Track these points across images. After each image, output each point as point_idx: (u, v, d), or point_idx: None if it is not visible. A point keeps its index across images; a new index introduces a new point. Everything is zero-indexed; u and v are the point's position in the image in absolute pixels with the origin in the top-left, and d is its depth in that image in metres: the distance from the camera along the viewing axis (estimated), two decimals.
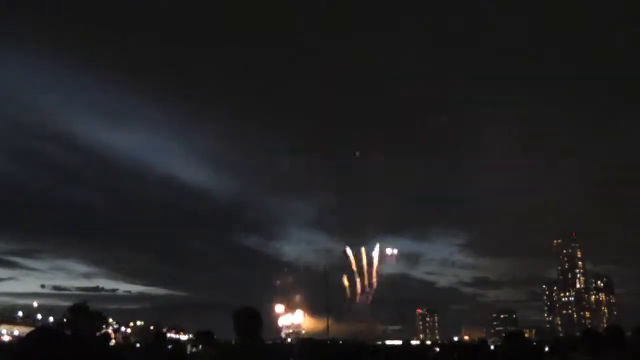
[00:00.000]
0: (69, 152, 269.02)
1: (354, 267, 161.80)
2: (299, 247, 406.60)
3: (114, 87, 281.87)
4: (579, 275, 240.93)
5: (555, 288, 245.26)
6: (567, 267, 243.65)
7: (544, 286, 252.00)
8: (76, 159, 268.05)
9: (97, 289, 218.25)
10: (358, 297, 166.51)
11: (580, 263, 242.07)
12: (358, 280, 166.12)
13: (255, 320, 4.22)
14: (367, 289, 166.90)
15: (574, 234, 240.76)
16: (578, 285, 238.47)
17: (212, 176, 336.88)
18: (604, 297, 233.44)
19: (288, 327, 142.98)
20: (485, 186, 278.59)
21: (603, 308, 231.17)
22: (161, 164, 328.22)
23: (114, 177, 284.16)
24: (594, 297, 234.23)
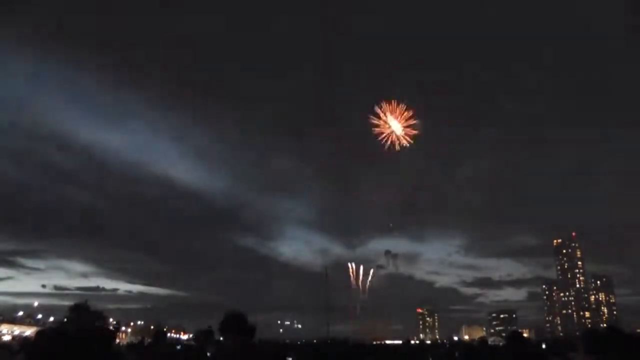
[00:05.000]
0: (67, 152, 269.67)
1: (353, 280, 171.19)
2: (295, 246, 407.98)
3: (111, 89, 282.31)
4: (578, 275, 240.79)
5: (555, 288, 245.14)
6: (566, 267, 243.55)
7: (544, 286, 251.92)
8: (75, 159, 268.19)
9: (97, 288, 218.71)
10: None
11: (579, 263, 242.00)
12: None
13: (243, 324, 4.15)
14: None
15: (573, 234, 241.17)
16: (577, 285, 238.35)
17: (209, 176, 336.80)
18: (603, 296, 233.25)
19: None
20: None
21: (602, 307, 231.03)
22: (158, 164, 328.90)
23: (112, 178, 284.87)
24: (593, 296, 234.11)
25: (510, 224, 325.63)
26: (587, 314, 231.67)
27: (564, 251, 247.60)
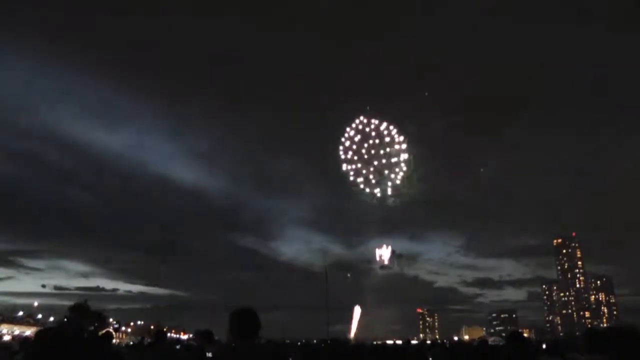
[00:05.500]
0: (66, 152, 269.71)
1: None
2: (295, 246, 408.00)
3: (110, 89, 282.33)
4: (578, 275, 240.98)
5: (555, 288, 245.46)
6: (566, 267, 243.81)
7: (544, 286, 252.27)
8: (74, 159, 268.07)
9: (97, 288, 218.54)
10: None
11: (580, 263, 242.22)
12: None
13: (252, 322, 4.02)
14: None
15: (573, 234, 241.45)
16: (578, 285, 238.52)
17: (208, 176, 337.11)
18: (603, 296, 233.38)
19: None
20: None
21: (603, 307, 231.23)
22: (157, 163, 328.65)
23: (112, 177, 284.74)
24: (593, 296, 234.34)
25: (510, 224, 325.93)
26: (587, 314, 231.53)
27: (564, 251, 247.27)
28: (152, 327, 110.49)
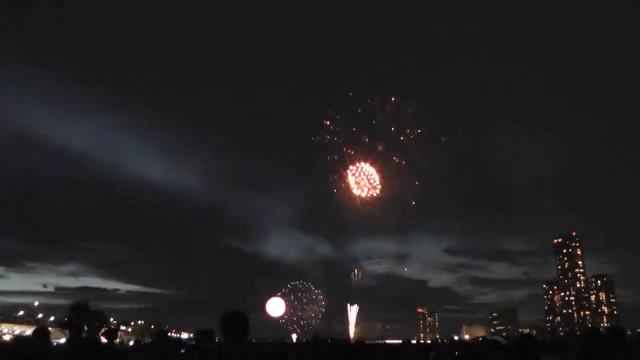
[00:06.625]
0: (61, 156, 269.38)
1: None
2: (291, 246, 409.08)
3: (93, 92, 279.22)
4: (578, 275, 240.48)
5: (555, 288, 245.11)
6: (567, 266, 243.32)
7: (544, 286, 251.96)
8: (70, 163, 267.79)
9: (97, 288, 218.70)
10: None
11: (580, 262, 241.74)
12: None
13: (242, 323, 4.12)
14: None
15: (573, 233, 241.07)
16: (578, 285, 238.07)
17: (201, 176, 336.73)
18: (604, 296, 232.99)
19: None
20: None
21: (603, 307, 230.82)
22: (156, 164, 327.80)
23: (109, 179, 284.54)
24: (594, 296, 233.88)
25: (509, 222, 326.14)
26: (588, 314, 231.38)
27: (564, 251, 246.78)
28: (152, 327, 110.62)
